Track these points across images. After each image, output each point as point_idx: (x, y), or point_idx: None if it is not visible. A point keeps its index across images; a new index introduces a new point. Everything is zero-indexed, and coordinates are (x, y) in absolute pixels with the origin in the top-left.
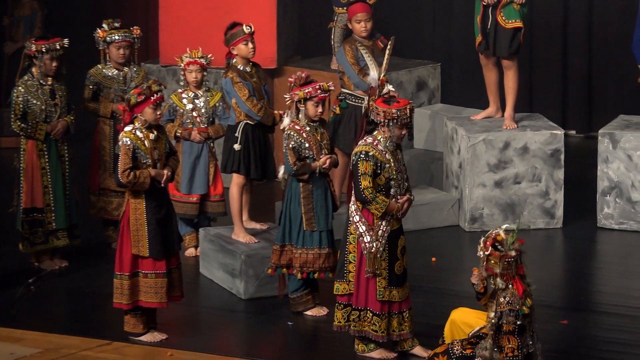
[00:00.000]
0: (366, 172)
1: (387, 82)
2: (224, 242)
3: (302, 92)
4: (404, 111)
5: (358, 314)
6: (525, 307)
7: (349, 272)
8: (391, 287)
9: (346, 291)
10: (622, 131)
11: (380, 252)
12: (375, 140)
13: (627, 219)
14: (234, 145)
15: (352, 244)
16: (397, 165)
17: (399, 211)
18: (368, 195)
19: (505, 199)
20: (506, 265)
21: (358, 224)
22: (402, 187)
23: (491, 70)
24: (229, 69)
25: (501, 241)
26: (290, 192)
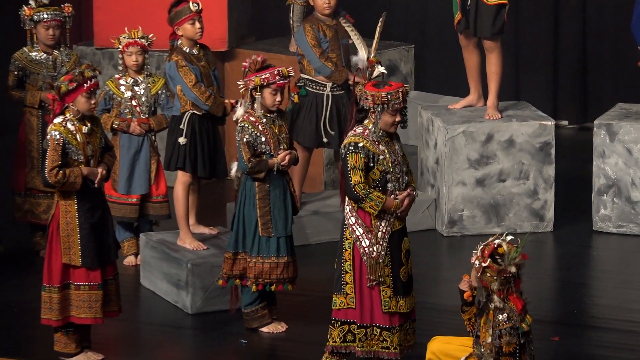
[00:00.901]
0: (356, 166)
1: (377, 63)
2: (168, 249)
3: (258, 78)
4: (396, 95)
5: (364, 332)
6: (524, 325)
7: (346, 284)
8: (397, 297)
9: (344, 305)
10: (621, 122)
11: (382, 257)
12: (366, 130)
13: (627, 222)
14: (178, 139)
15: (347, 251)
16: (394, 157)
17: (398, 209)
18: (360, 192)
19: (488, 199)
20: (503, 281)
21: (354, 226)
22: (401, 182)
23: (472, 52)
24: (173, 52)
25: (502, 254)
26: (244, 192)
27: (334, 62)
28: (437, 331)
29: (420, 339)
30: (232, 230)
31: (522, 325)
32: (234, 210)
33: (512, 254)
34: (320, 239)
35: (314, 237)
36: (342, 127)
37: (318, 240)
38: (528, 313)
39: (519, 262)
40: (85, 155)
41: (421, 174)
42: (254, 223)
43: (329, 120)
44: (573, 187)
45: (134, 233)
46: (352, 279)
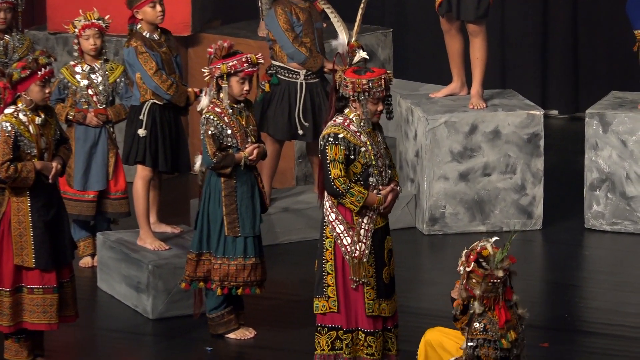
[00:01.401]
0: (336, 159)
1: (359, 48)
2: (127, 250)
3: (225, 65)
4: (378, 82)
5: (351, 337)
6: (505, 341)
7: (328, 286)
8: (380, 299)
9: (326, 309)
10: (615, 111)
11: (367, 256)
12: (347, 120)
13: (621, 219)
14: (138, 131)
15: (329, 250)
16: (376, 149)
17: (381, 204)
18: (340, 187)
19: (472, 194)
20: (489, 287)
21: (334, 223)
22: (384, 176)
23: (454, 37)
24: (132, 37)
25: (487, 257)
26: (208, 189)
27: (308, 47)
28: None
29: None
30: (196, 229)
31: (501, 340)
32: (198, 208)
33: (497, 257)
34: (290, 238)
35: (284, 236)
36: (316, 118)
37: (288, 240)
38: (513, 329)
39: (507, 266)
40: (38, 149)
41: (400, 167)
42: (219, 222)
43: (302, 111)
44: (563, 182)
45: (90, 232)
46: (334, 281)
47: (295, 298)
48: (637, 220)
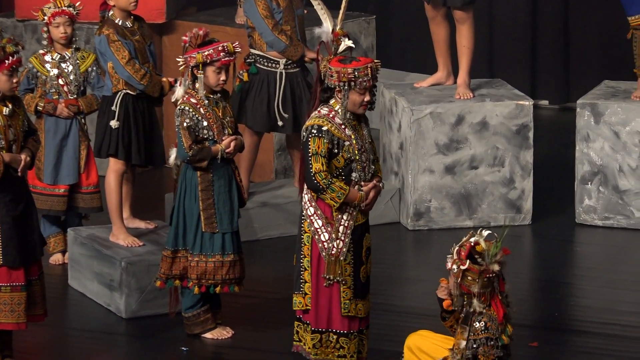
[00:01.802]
0: (318, 152)
1: (344, 36)
2: (100, 246)
3: (200, 55)
4: (364, 71)
5: (319, 337)
6: (505, 336)
7: (305, 282)
8: (357, 300)
9: (302, 306)
10: (607, 101)
11: (344, 254)
12: (332, 112)
13: (614, 213)
14: (110, 122)
15: (306, 245)
16: (361, 143)
17: (362, 201)
18: (320, 181)
19: (458, 188)
20: (486, 282)
21: (313, 217)
22: (367, 171)
23: (440, 24)
24: (104, 24)
25: (481, 252)
26: (184, 183)
27: (289, 35)
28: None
29: (382, 344)
30: (171, 225)
31: (501, 336)
32: (173, 203)
33: (492, 251)
34: (269, 234)
35: (262, 232)
36: (296, 109)
37: (267, 235)
38: (509, 322)
39: (501, 258)
40: (6, 140)
41: (384, 160)
42: (195, 217)
43: (282, 102)
44: (554, 175)
45: (61, 228)
46: (311, 277)
47: (274, 296)
48: (630, 214)
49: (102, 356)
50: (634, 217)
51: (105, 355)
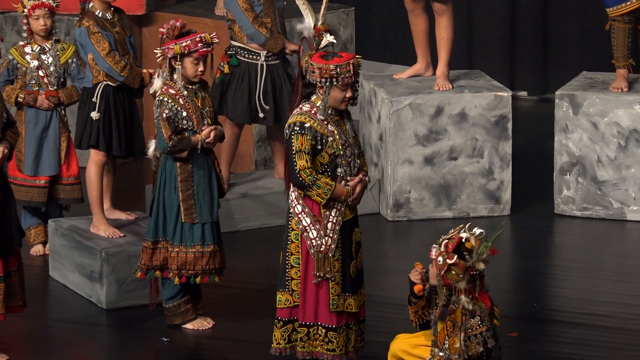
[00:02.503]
0: (302, 149)
1: (325, 32)
2: (80, 237)
3: (178, 46)
4: (346, 67)
5: (306, 331)
6: (496, 320)
7: (292, 279)
8: (346, 294)
9: (289, 303)
10: (585, 92)
11: (332, 250)
12: (314, 108)
13: (592, 204)
14: (91, 114)
15: (294, 243)
16: (344, 138)
17: (349, 196)
18: (306, 178)
19: (437, 179)
20: (469, 278)
21: (301, 215)
22: (352, 166)
23: (419, 16)
24: (84, 16)
25: (470, 249)
26: (163, 174)
27: (269, 28)
28: (379, 326)
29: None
30: (151, 216)
31: (493, 322)
32: (153, 194)
33: (481, 250)
34: (249, 225)
35: (243, 223)
36: (277, 101)
37: (247, 227)
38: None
39: (487, 257)
40: None
41: (363, 151)
42: (175, 208)
43: (263, 93)
44: (532, 166)
45: (41, 219)
46: (299, 274)
47: (255, 287)
48: (609, 205)
49: (83, 347)
50: (612, 207)
51: (86, 345)
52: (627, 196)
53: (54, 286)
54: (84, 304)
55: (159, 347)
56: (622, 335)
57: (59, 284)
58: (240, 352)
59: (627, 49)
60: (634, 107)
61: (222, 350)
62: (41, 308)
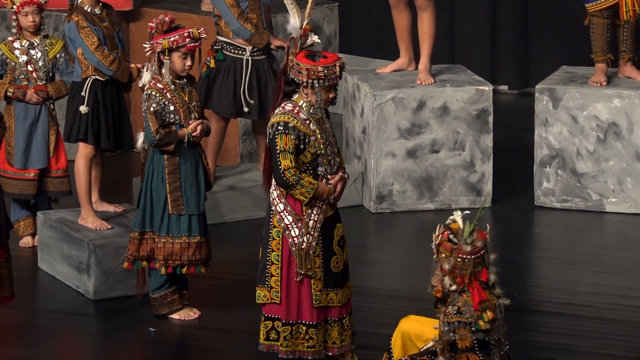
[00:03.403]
0: (286, 149)
1: (311, 32)
2: (69, 229)
3: (166, 40)
4: (333, 69)
5: (290, 329)
6: (482, 322)
7: (272, 276)
8: (328, 290)
9: (267, 299)
10: (565, 86)
11: (313, 248)
12: (297, 107)
13: (572, 196)
14: (80, 107)
15: (275, 240)
16: (325, 137)
17: (330, 194)
18: (290, 178)
19: (420, 172)
20: (459, 262)
21: (283, 213)
22: (332, 165)
23: (402, 11)
24: (73, 11)
25: (456, 230)
26: (151, 166)
27: (254, 23)
28: (363, 316)
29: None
30: (139, 207)
31: (478, 322)
32: (141, 186)
33: (465, 230)
34: (235, 217)
35: (229, 215)
36: (262, 96)
37: (233, 218)
38: (490, 309)
39: (478, 242)
40: None
41: (347, 144)
42: (162, 200)
43: (248, 88)
44: (513, 159)
45: (30, 211)
46: (279, 271)
47: (240, 278)
48: (588, 197)
49: (71, 336)
50: (591, 199)
51: (74, 335)
52: (606, 188)
53: (43, 277)
54: (72, 294)
55: (146, 337)
56: (600, 324)
57: (48, 275)
58: (225, 342)
59: (605, 43)
60: (613, 101)
61: (208, 340)
62: (30, 299)
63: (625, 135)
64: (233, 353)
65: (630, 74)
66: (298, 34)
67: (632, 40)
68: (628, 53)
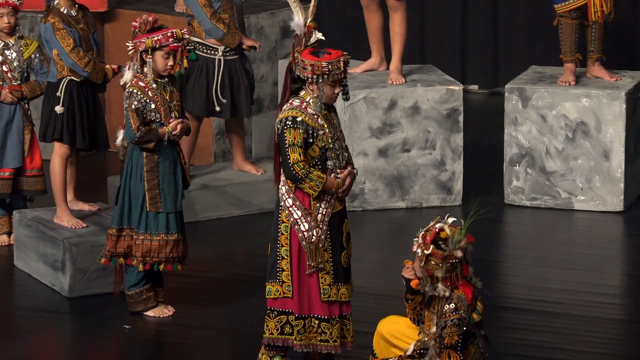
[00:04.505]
0: (295, 143)
1: (315, 29)
2: (44, 228)
3: (150, 40)
4: (337, 64)
5: (303, 323)
6: (475, 314)
7: (283, 271)
8: (338, 284)
9: (279, 294)
10: (534, 86)
11: (322, 241)
12: (304, 103)
13: (541, 194)
14: (55, 108)
15: (284, 235)
16: (333, 132)
17: (339, 188)
18: (299, 171)
19: (391, 170)
20: (449, 267)
21: (292, 208)
22: (341, 159)
23: (374, 12)
24: (49, 13)
25: (445, 239)
26: (130, 163)
27: (227, 23)
28: None
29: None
30: (117, 204)
31: (472, 315)
32: (119, 183)
33: (456, 237)
34: (209, 215)
35: (203, 214)
36: (234, 95)
37: (207, 217)
38: (479, 299)
39: (465, 245)
40: None
41: None
42: (141, 197)
43: (220, 88)
44: (483, 157)
45: (6, 210)
46: (289, 266)
47: (214, 275)
48: (557, 195)
49: (47, 334)
50: (560, 197)
51: (50, 332)
52: (575, 186)
53: (19, 275)
54: (48, 292)
55: (120, 334)
56: (570, 320)
57: (24, 273)
58: (199, 338)
59: (574, 44)
60: (581, 100)
61: (182, 337)
62: (6, 296)
63: (594, 134)
64: (207, 350)
65: (598, 74)
66: (302, 32)
67: (600, 41)
68: (596, 53)
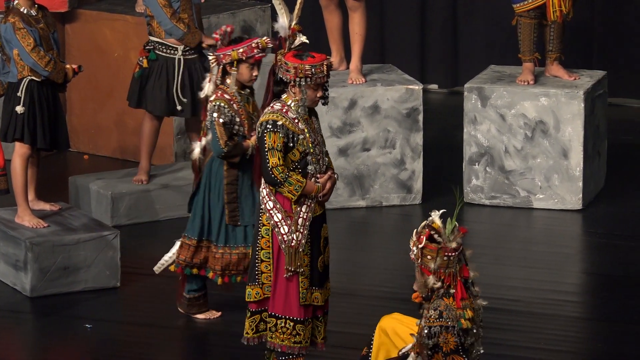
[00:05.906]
0: (275, 147)
1: (299, 32)
2: (5, 227)
3: (235, 52)
4: (320, 68)
5: (275, 322)
6: (463, 320)
7: (262, 273)
8: (313, 288)
9: (259, 296)
10: (493, 85)
11: (302, 245)
12: (285, 106)
13: (500, 192)
14: (16, 108)
15: (265, 238)
16: (314, 136)
17: (319, 193)
18: (278, 175)
19: (351, 169)
20: (445, 261)
21: (272, 211)
22: (321, 164)
23: (333, 12)
24: (9, 13)
25: (438, 230)
26: (209, 176)
27: (186, 23)
28: None
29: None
30: (194, 215)
31: (460, 321)
32: (194, 193)
33: (448, 227)
34: (169, 215)
35: (163, 213)
36: (194, 94)
37: (167, 216)
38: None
39: (459, 238)
40: None
41: None
42: (220, 210)
43: (181, 87)
44: (443, 156)
45: None
46: (270, 268)
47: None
48: (516, 194)
49: (9, 333)
50: (519, 196)
51: (12, 332)
52: (534, 185)
53: None
54: (9, 291)
55: (82, 333)
56: (530, 318)
57: None
58: (153, 337)
59: (532, 43)
60: (540, 99)
61: (140, 335)
62: None
63: (552, 133)
64: (163, 348)
65: (557, 73)
66: (286, 34)
67: (559, 40)
68: (555, 52)
